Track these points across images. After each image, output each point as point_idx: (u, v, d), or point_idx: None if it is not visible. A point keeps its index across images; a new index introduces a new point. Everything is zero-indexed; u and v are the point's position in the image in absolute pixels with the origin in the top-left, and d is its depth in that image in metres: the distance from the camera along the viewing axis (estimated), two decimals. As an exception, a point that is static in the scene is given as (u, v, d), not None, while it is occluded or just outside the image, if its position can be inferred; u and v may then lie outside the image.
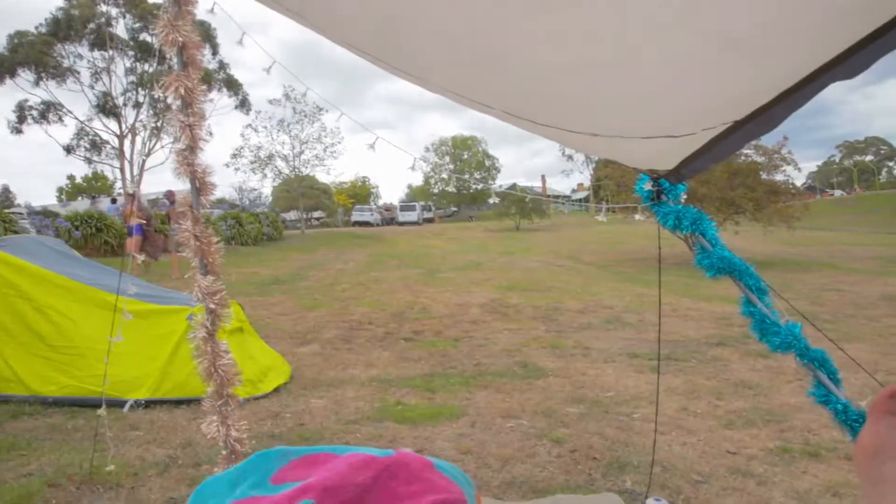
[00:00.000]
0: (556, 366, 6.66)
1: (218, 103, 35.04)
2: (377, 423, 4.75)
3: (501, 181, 70.68)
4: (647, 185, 2.11)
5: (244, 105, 36.54)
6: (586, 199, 63.39)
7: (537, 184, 71.54)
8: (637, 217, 2.04)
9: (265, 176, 38.55)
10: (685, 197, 2.16)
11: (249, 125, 36.51)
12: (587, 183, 69.14)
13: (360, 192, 64.19)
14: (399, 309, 10.56)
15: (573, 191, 79.23)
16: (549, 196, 57.60)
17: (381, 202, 69.24)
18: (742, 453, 4.16)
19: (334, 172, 68.04)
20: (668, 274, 15.63)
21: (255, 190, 51.83)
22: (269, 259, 19.97)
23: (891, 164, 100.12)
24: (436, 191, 65.81)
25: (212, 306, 2.26)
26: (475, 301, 11.26)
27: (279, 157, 35.94)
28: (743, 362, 6.80)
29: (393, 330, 8.79)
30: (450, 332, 8.60)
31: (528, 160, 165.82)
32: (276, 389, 5.67)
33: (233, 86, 35.98)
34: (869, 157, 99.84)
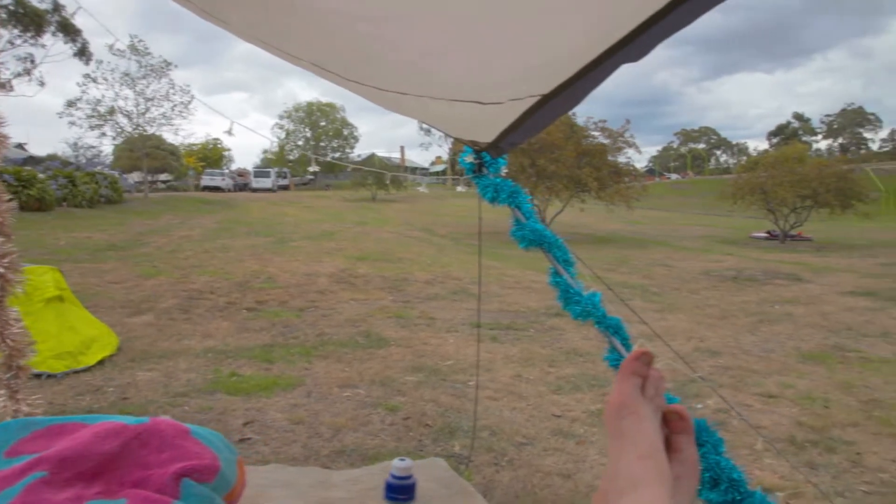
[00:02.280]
0: (399, 335, 6.72)
1: (52, 49, 31.81)
2: (208, 395, 4.58)
3: (360, 151, 69.98)
4: (469, 158, 2.13)
5: (83, 54, 33.36)
6: (444, 172, 64.20)
7: (396, 155, 71.55)
8: (459, 189, 2.05)
9: (104, 134, 35.50)
10: (505, 170, 2.20)
11: (88, 75, 33.12)
12: (445, 156, 69.98)
13: (212, 156, 61.11)
14: (244, 278, 10.22)
15: (431, 164, 79.98)
16: (405, 169, 57.88)
17: (234, 167, 66.36)
18: (566, 416, 4.40)
19: (183, 133, 64.24)
20: (514, 247, 16.21)
21: (94, 147, 47.91)
22: (105, 223, 18.61)
23: (719, 152, 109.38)
24: (292, 157, 64.02)
25: (0, 270, 2.04)
26: (324, 271, 11.12)
27: (122, 114, 33.31)
28: (577, 332, 7.18)
29: (235, 300, 8.50)
30: (295, 302, 8.43)
31: (388, 131, 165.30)
32: (101, 362, 5.31)
33: (69, 31, 32.74)
34: (702, 145, 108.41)
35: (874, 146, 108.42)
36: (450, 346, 6.37)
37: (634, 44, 1.16)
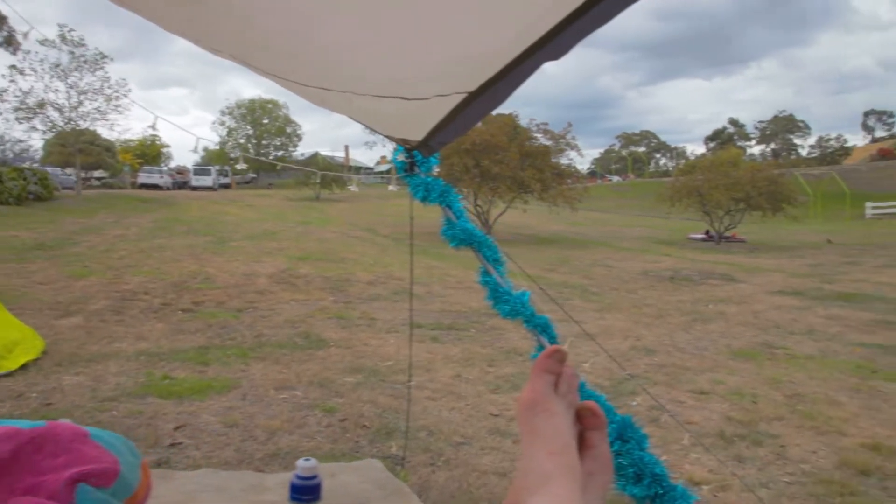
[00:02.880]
0: (339, 336, 6.67)
1: (-25, 38, 30.30)
2: (139, 399, 4.45)
3: (304, 149, 69.05)
4: (400, 157, 2.12)
5: (10, 43, 31.89)
6: (388, 172, 63.94)
7: (341, 154, 70.89)
8: (391, 188, 2.04)
9: (34, 128, 33.98)
10: (437, 170, 2.20)
11: (14, 66, 31.60)
12: (390, 156, 69.56)
13: (150, 152, 59.34)
14: (181, 278, 9.98)
15: (376, 163, 79.60)
16: (348, 169, 57.41)
17: (173, 164, 64.57)
18: (504, 415, 4.43)
19: (119, 129, 61.94)
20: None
21: (23, 142, 45.89)
22: (33, 221, 17.89)
23: (658, 155, 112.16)
24: (233, 155, 62.63)
25: None
26: (264, 271, 10.94)
27: (52, 107, 31.97)
28: (517, 331, 7.24)
29: (171, 301, 8.28)
30: (233, 303, 8.28)
31: (333, 130, 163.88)
32: (24, 367, 5.09)
33: (-8, 19, 31.26)
34: (642, 149, 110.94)
35: (803, 152, 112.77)
36: (390, 346, 6.35)
37: (554, 42, 1.18)
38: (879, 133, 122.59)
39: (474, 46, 1.28)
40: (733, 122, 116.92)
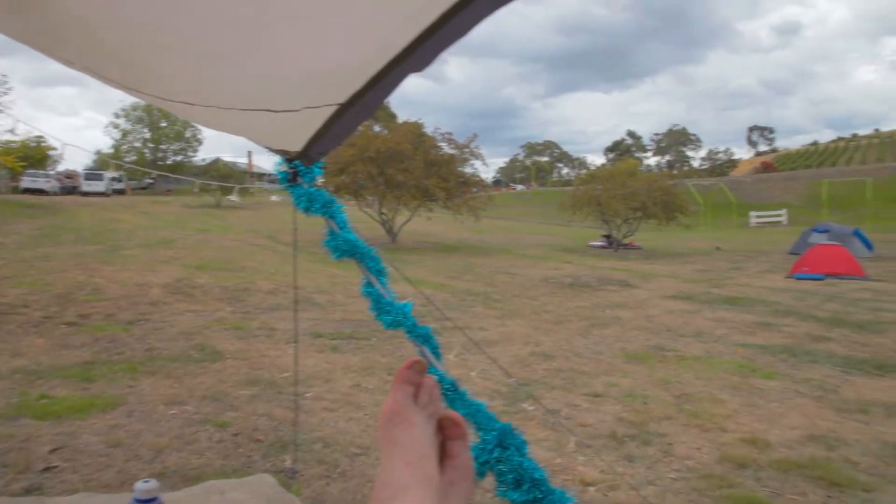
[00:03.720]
0: (236, 348, 6.48)
1: None
2: (10, 421, 4.16)
3: (204, 154, 66.85)
4: (282, 167, 2.08)
5: None
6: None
7: (243, 160, 69.07)
8: (273, 198, 2.00)
9: None
10: (322, 180, 2.18)
11: None
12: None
13: (34, 155, 55.81)
14: (66, 290, 9.43)
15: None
16: (251, 176, 56.13)
17: (61, 168, 60.91)
18: (402, 425, 4.41)
19: (-2, 129, 57.80)
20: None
21: None
22: None
23: (561, 165, 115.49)
24: (129, 159, 59.79)
25: None
26: (158, 281, 10.50)
27: (-81, 106, 29.62)
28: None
29: (54, 314, 7.81)
30: (124, 315, 7.89)
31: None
32: None
33: None
34: (546, 158, 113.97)
35: (695, 164, 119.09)
36: (289, 357, 6.22)
37: (416, 54, 1.19)
38: (762, 147, 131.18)
39: (339, 59, 1.28)
40: (631, 135, 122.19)
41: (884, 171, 60.90)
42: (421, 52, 1.18)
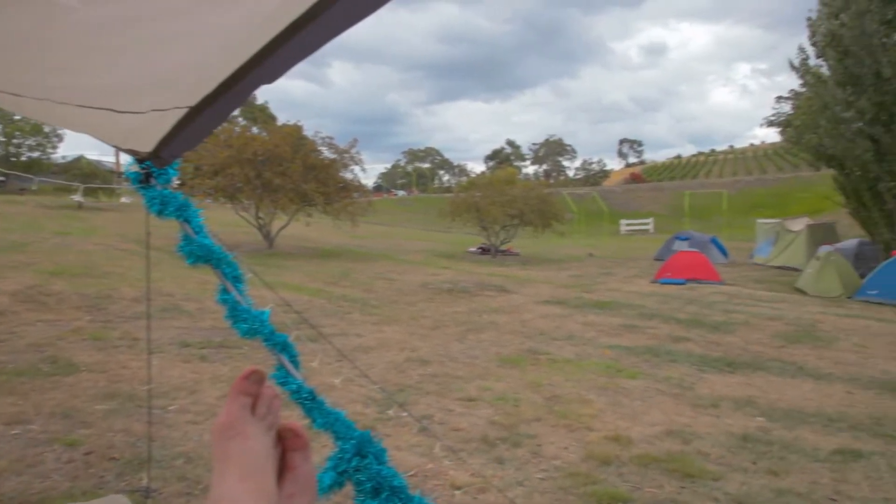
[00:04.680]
0: (93, 360, 6.07)
1: None
2: None
3: (66, 151, 62.38)
4: (133, 168, 1.97)
5: None
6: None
7: (110, 158, 65.07)
8: (124, 199, 1.88)
9: None
10: (178, 182, 2.08)
11: None
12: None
13: None
14: None
15: (152, 171, 73.96)
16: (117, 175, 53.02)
17: None
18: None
19: None
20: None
21: None
22: None
23: (442, 171, 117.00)
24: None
25: None
26: (7, 288, 9.67)
27: None
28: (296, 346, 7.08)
29: None
30: (-36, 327, 7.23)
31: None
32: None
33: None
34: (427, 165, 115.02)
35: (571, 173, 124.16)
36: (153, 367, 5.90)
37: (265, 65, 1.17)
38: (632, 159, 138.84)
39: (188, 63, 1.23)
40: (510, 143, 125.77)
41: (737, 184, 66.02)
42: (272, 61, 1.15)
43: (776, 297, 13.98)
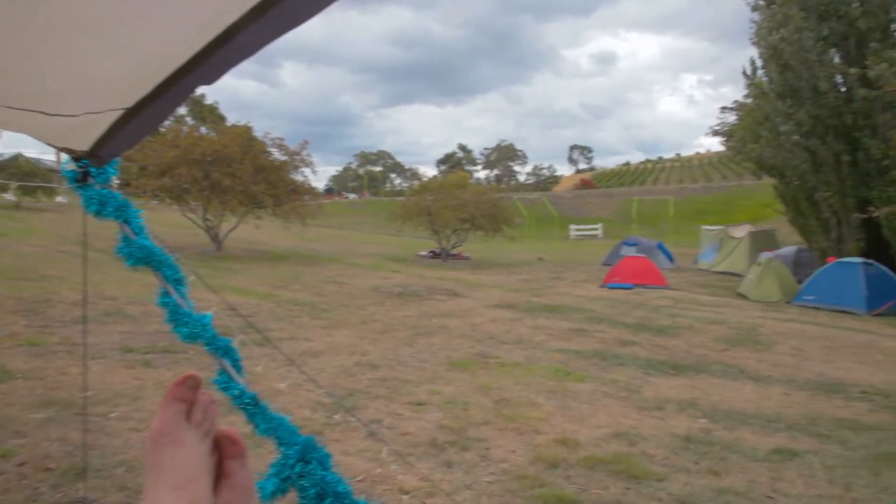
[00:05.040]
0: (29, 367, 5.85)
1: None
2: None
3: (3, 149, 60.21)
4: (70, 166, 1.91)
5: None
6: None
7: (50, 157, 63.06)
8: (60, 199, 1.82)
9: None
10: (117, 182, 2.02)
11: None
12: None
13: None
14: None
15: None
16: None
17: None
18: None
19: None
20: (187, 263, 15.31)
21: None
22: None
23: (394, 175, 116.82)
24: None
25: None
26: (-63, 292, 9.29)
27: None
28: (243, 351, 6.96)
29: None
30: None
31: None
32: None
33: None
34: (379, 168, 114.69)
35: (522, 178, 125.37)
36: (93, 374, 5.73)
37: (203, 66, 1.15)
38: (582, 165, 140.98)
39: (123, 65, 1.20)
40: (462, 148, 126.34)
41: (683, 191, 67.59)
42: (210, 63, 1.14)
43: (719, 302, 14.36)
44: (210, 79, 1.17)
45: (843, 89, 16.16)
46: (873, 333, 10.63)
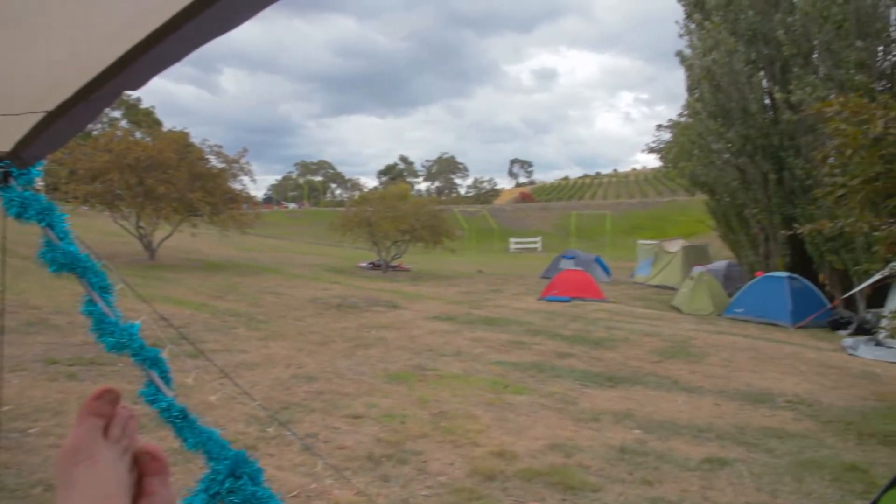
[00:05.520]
0: (-58, 378, 5.54)
1: None
2: None
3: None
4: (-10, 166, 1.81)
5: None
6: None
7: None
8: (-23, 202, 1.73)
9: None
10: (41, 183, 1.93)
11: None
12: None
13: None
14: None
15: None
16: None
17: None
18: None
19: None
20: (124, 272, 14.81)
21: None
22: None
23: (334, 185, 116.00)
24: None
25: None
26: None
27: None
28: (174, 363, 6.75)
29: None
30: None
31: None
32: None
33: None
34: (319, 178, 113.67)
35: (462, 191, 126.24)
36: (12, 387, 5.46)
37: (127, 71, 1.11)
38: (522, 179, 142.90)
39: (43, 67, 1.15)
40: (404, 160, 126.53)
41: (620, 206, 69.17)
42: (134, 68, 1.10)
43: (654, 315, 14.71)
44: (135, 84, 1.14)
45: (771, 111, 16.87)
46: (797, 345, 11.05)
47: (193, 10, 0.92)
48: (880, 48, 13.75)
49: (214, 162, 21.88)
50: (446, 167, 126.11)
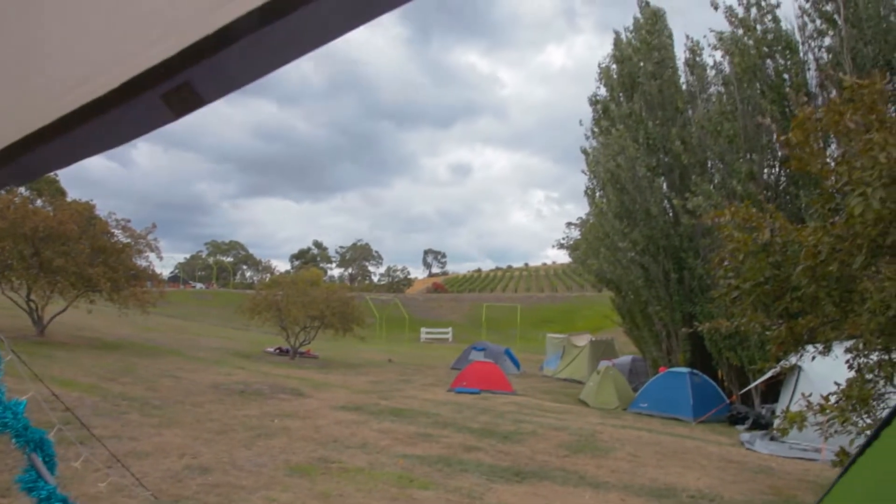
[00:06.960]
0: None
1: None
2: None
3: None
4: None
5: None
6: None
7: None
8: None
9: None
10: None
11: None
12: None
13: None
14: None
15: None
16: None
17: None
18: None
19: None
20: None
21: None
22: None
23: (245, 267, 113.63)
24: None
25: None
26: None
27: None
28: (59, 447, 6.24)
29: None
30: None
31: None
32: None
33: None
34: (230, 259, 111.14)
35: (376, 279, 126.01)
36: None
37: (11, 168, 1.09)
38: (435, 269, 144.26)
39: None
40: (317, 245, 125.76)
41: (530, 299, 70.66)
42: (17, 165, 1.07)
43: (562, 409, 14.82)
44: (20, 180, 1.11)
45: (671, 214, 17.91)
46: (699, 440, 11.33)
47: (58, 129, 0.91)
48: (767, 161, 15.01)
49: (120, 237, 21.06)
50: (360, 254, 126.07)
